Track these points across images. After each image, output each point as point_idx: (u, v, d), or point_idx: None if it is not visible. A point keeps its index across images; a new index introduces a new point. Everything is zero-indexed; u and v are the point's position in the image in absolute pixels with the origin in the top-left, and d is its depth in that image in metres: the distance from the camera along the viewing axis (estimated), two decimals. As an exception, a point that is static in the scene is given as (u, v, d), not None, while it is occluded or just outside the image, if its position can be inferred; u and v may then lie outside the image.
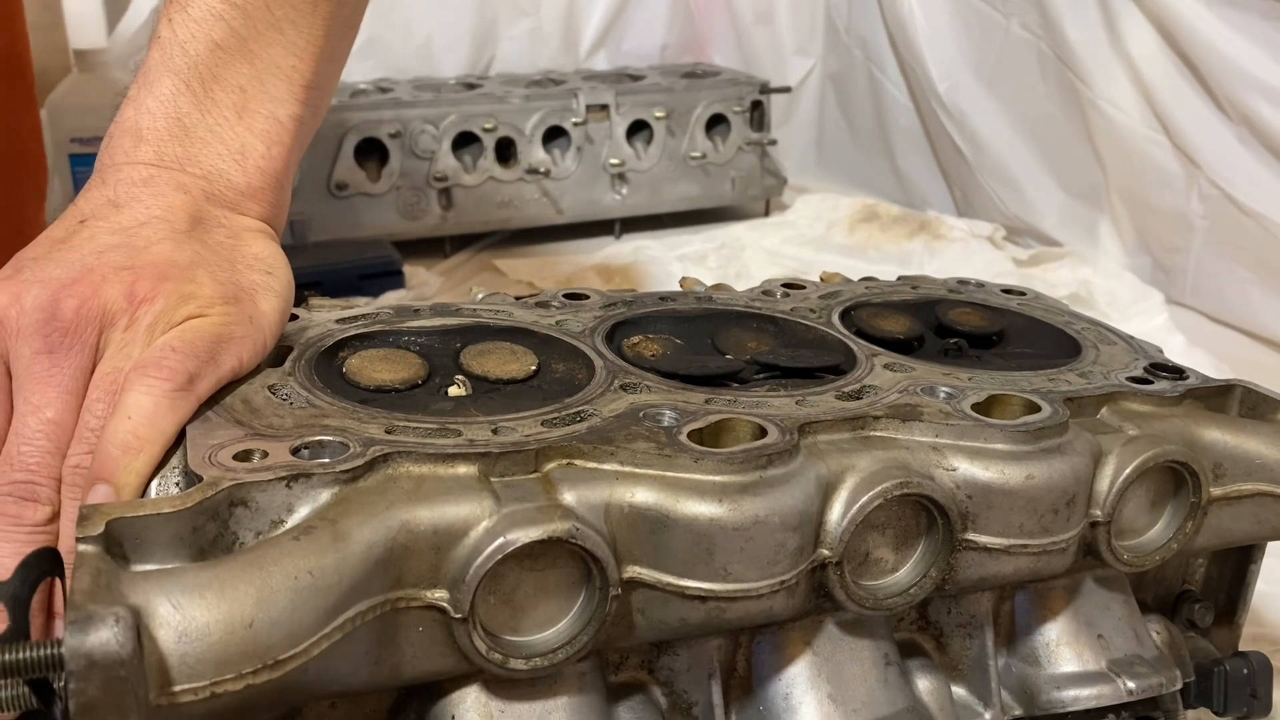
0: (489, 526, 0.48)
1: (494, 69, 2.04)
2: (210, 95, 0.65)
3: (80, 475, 0.52)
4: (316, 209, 1.62)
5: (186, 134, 0.65)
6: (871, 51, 2.09)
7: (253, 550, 0.44)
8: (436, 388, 0.62)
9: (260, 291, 0.61)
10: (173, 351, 0.53)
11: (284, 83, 0.67)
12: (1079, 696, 0.62)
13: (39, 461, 0.52)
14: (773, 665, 0.57)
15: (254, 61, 0.66)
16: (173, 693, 0.40)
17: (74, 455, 0.53)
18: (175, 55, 0.65)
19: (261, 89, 0.66)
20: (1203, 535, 0.64)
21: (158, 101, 0.65)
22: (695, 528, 0.50)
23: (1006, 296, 0.83)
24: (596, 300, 0.74)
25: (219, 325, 0.56)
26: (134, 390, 0.52)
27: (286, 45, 0.67)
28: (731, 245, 1.74)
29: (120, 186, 0.62)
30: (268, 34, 0.67)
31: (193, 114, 0.65)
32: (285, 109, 0.67)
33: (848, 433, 0.57)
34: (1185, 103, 1.53)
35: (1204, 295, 1.56)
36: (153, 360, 0.53)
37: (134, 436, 0.51)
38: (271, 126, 0.67)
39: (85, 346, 0.54)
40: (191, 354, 0.54)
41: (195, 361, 0.54)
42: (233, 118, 0.66)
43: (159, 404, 0.52)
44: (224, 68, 0.66)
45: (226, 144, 0.65)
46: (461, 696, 0.51)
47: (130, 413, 0.51)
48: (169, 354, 0.53)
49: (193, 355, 0.54)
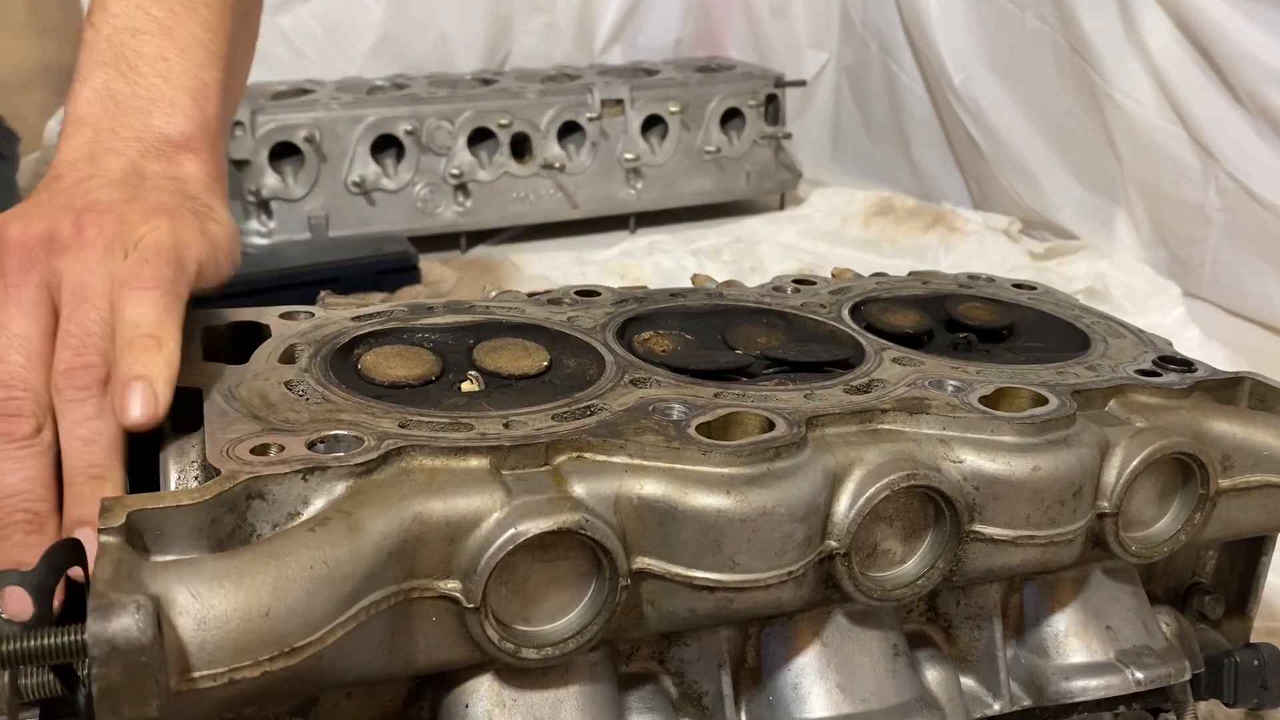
0: (500, 518, 0.49)
1: (509, 65, 2.05)
2: (137, 70, 0.72)
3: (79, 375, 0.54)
4: (333, 205, 1.63)
5: (119, 107, 0.70)
6: (887, 44, 2.09)
7: (270, 541, 0.45)
8: (450, 383, 0.63)
9: (202, 216, 0.65)
10: (146, 263, 0.57)
11: (204, 52, 0.74)
12: (1088, 687, 0.62)
13: (15, 376, 0.54)
14: (782, 656, 0.58)
15: (175, 37, 0.73)
16: (192, 679, 0.41)
17: (64, 361, 0.54)
18: (102, 49, 0.72)
19: (184, 57, 0.73)
20: (1211, 527, 0.64)
21: (92, 90, 0.71)
22: (703, 519, 0.51)
23: (1017, 291, 0.83)
24: (607, 297, 0.74)
25: (172, 234, 0.60)
26: (129, 305, 0.55)
27: (203, 23, 0.74)
28: (746, 239, 1.75)
29: (62, 167, 0.67)
30: (185, 15, 0.74)
31: (123, 90, 0.71)
32: (209, 73, 0.74)
33: (855, 426, 0.58)
34: (1202, 95, 1.52)
35: (1221, 288, 1.55)
36: (133, 274, 0.56)
37: (151, 337, 0.54)
38: (197, 84, 0.73)
39: (36, 265, 0.57)
40: (163, 262, 0.57)
41: (169, 268, 0.57)
42: (160, 83, 0.72)
43: (157, 307, 0.55)
44: (147, 46, 0.72)
45: (157, 104, 0.71)
46: (475, 686, 0.52)
47: (136, 322, 0.54)
48: (145, 266, 0.56)
49: (165, 263, 0.57)
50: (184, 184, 0.68)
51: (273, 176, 1.61)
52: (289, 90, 1.71)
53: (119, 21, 0.73)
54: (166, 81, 0.72)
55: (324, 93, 1.70)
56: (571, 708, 0.53)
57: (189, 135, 0.71)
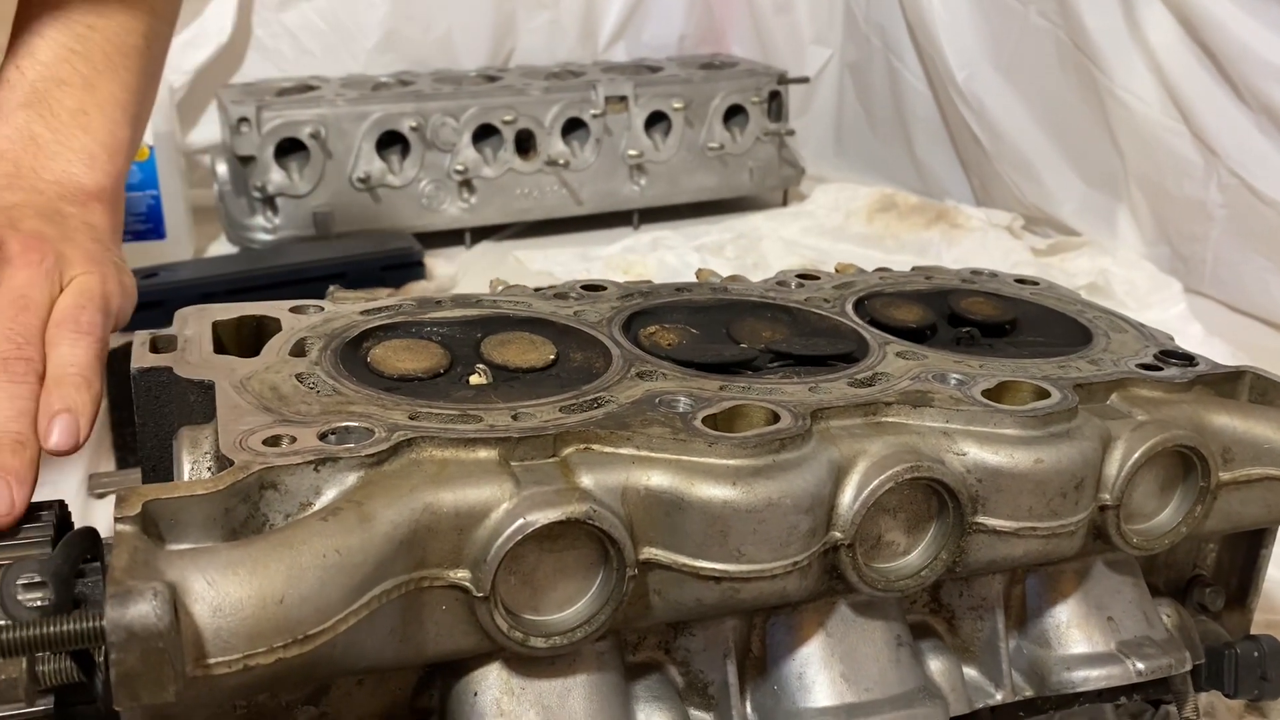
0: (509, 508, 0.49)
1: (513, 61, 2.05)
2: (58, 117, 0.79)
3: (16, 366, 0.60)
4: (339, 201, 1.64)
5: (39, 148, 0.78)
6: (890, 41, 2.10)
7: (283, 530, 0.46)
8: (458, 376, 0.63)
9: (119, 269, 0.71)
10: (82, 309, 0.64)
11: (120, 110, 0.82)
12: (1089, 677, 0.63)
13: None
14: (787, 646, 0.59)
15: (96, 93, 0.81)
16: (208, 665, 0.42)
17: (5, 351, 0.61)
18: (25, 92, 0.79)
19: (102, 113, 0.81)
20: (1212, 519, 0.64)
21: (13, 128, 0.78)
22: (710, 510, 0.52)
23: (1019, 286, 0.84)
24: (613, 291, 0.75)
25: (102, 284, 0.67)
26: (64, 344, 0.62)
27: (122, 83, 0.82)
28: (749, 235, 1.75)
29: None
30: (107, 73, 0.81)
31: (44, 133, 0.78)
32: (123, 130, 0.82)
33: (859, 418, 0.59)
34: (1204, 91, 1.53)
35: (1223, 284, 1.56)
36: (70, 317, 0.64)
37: (82, 377, 0.61)
38: (112, 141, 0.80)
39: None
40: (95, 309, 0.65)
41: (100, 315, 0.65)
42: (79, 132, 0.79)
43: (89, 352, 0.62)
44: (69, 97, 0.80)
45: (75, 152, 0.78)
46: (483, 674, 0.53)
47: (71, 361, 0.62)
48: (81, 311, 0.64)
49: (97, 310, 0.65)
50: (97, 232, 0.75)
51: (278, 172, 1.61)
52: (294, 87, 1.72)
53: (45, 70, 0.79)
54: (86, 133, 0.79)
55: (329, 89, 1.70)
56: (578, 696, 0.53)
57: (102, 188, 0.78)
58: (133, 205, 1.55)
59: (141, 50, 0.84)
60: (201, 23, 1.83)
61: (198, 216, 1.72)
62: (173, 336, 0.64)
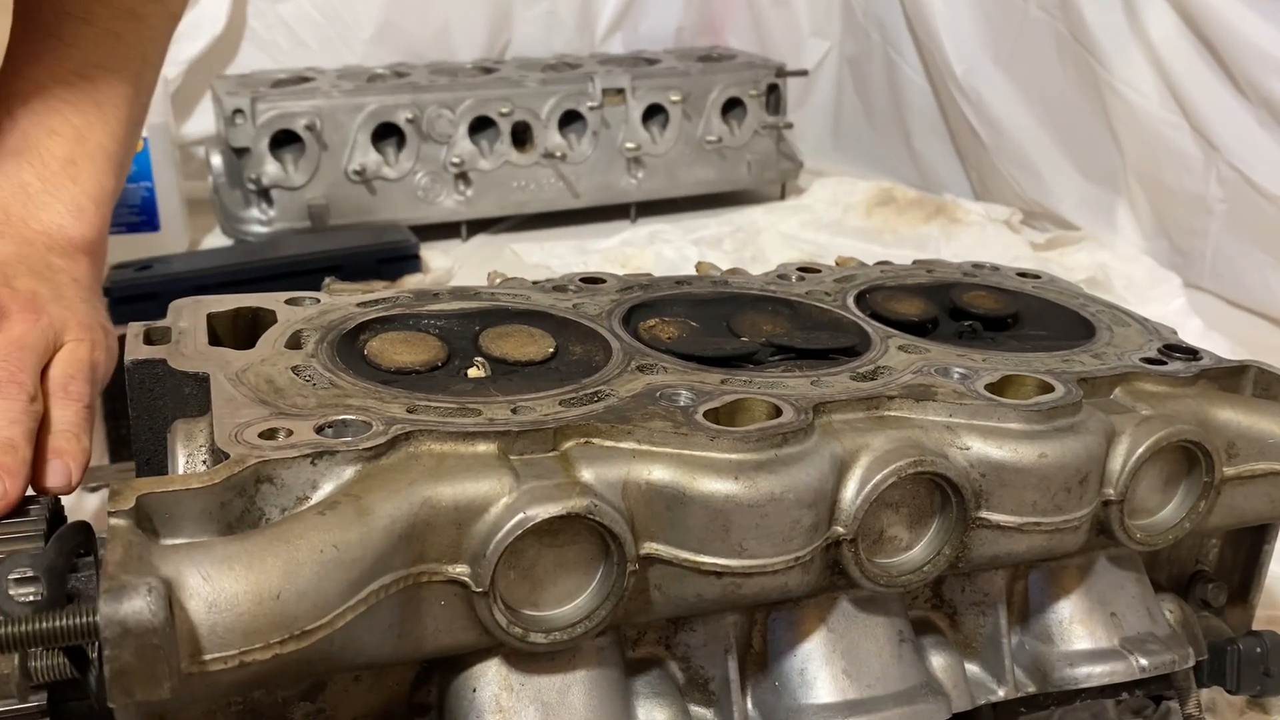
0: (509, 503, 0.49)
1: (510, 53, 2.04)
2: (48, 166, 0.80)
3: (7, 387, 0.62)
4: (334, 194, 1.63)
5: (29, 197, 0.79)
6: (888, 34, 2.09)
7: (279, 525, 0.46)
8: (456, 369, 0.63)
9: (108, 334, 0.74)
10: (73, 380, 0.67)
11: (106, 160, 0.83)
12: (1092, 673, 0.62)
13: None
14: (788, 641, 0.58)
15: (85, 144, 0.82)
16: (203, 661, 0.41)
17: None
18: (16, 139, 0.80)
19: (91, 163, 0.82)
20: (1216, 514, 0.64)
21: (3, 175, 0.79)
22: (711, 504, 0.51)
23: (1021, 280, 0.84)
24: (613, 284, 0.74)
25: (93, 352, 0.71)
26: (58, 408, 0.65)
27: (110, 134, 0.83)
28: (747, 229, 1.74)
29: None
30: (97, 125, 0.83)
31: (34, 182, 0.79)
32: (109, 181, 0.83)
33: (862, 412, 0.58)
34: (1204, 85, 1.52)
35: (1222, 279, 1.55)
36: (63, 386, 0.67)
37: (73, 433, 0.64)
38: (99, 191, 0.82)
39: None
40: (84, 380, 0.68)
41: (89, 385, 0.68)
42: (69, 183, 0.80)
43: (80, 415, 0.66)
44: (60, 147, 0.80)
45: (64, 203, 0.79)
46: (483, 670, 0.52)
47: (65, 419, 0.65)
48: (72, 382, 0.67)
49: (85, 380, 0.68)
50: (82, 287, 0.77)
51: (273, 164, 1.60)
52: (290, 78, 1.71)
53: (36, 119, 0.80)
54: (76, 184, 0.80)
55: (325, 81, 1.69)
56: (579, 692, 0.53)
57: (89, 240, 0.80)
58: (127, 197, 1.55)
59: (130, 100, 0.86)
60: (196, 14, 1.82)
61: (192, 208, 1.71)
62: (167, 329, 0.64)
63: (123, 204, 1.55)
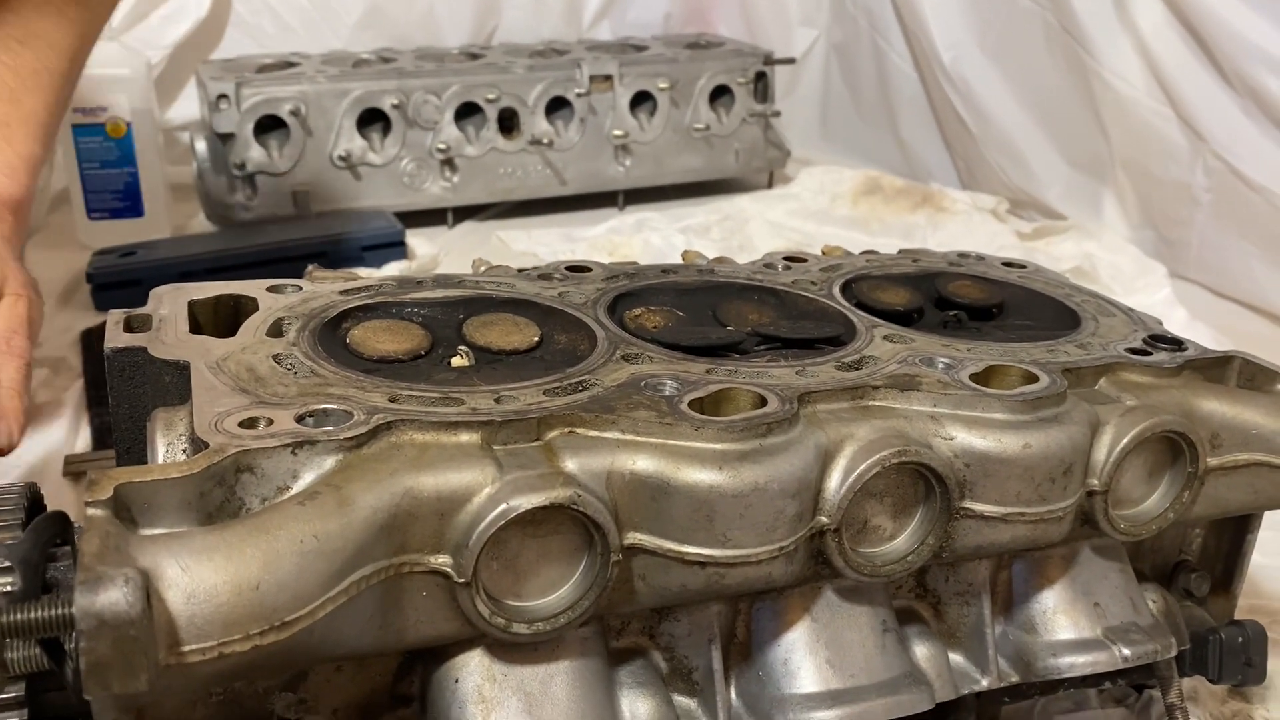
0: (492, 493, 0.48)
1: (497, 39, 2.03)
2: None
3: None
4: (319, 180, 1.61)
5: None
6: (876, 22, 2.08)
7: (259, 515, 0.45)
8: (440, 358, 0.62)
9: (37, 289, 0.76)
10: (15, 334, 0.70)
11: (40, 126, 0.86)
12: (1075, 663, 0.62)
13: None
14: (772, 631, 0.58)
15: (20, 107, 0.84)
16: (181, 653, 0.41)
17: None
18: None
19: (24, 127, 0.84)
20: (1199, 505, 0.64)
21: None
22: (695, 494, 0.51)
23: (1007, 269, 0.83)
24: (598, 273, 0.74)
25: (29, 308, 0.73)
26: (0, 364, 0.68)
27: (44, 101, 0.86)
28: (735, 217, 1.74)
29: None
30: (33, 88, 0.85)
31: None
32: (39, 147, 0.86)
33: (847, 402, 0.58)
34: (1191, 75, 1.52)
35: (1207, 269, 1.56)
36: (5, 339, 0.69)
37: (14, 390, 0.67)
38: (31, 154, 0.84)
39: None
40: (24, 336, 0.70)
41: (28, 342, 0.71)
42: (2, 144, 0.82)
43: (21, 373, 0.68)
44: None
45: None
46: (465, 660, 0.52)
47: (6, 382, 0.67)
48: (14, 337, 0.70)
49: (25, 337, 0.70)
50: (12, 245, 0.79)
51: (258, 150, 1.59)
52: (274, 63, 1.69)
53: None
54: (9, 145, 0.82)
55: (310, 66, 1.68)
56: (562, 682, 0.53)
57: (18, 200, 0.82)
58: (110, 182, 1.53)
59: (64, 72, 0.88)
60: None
61: (176, 194, 1.69)
62: (148, 316, 0.63)
63: (106, 189, 1.53)
